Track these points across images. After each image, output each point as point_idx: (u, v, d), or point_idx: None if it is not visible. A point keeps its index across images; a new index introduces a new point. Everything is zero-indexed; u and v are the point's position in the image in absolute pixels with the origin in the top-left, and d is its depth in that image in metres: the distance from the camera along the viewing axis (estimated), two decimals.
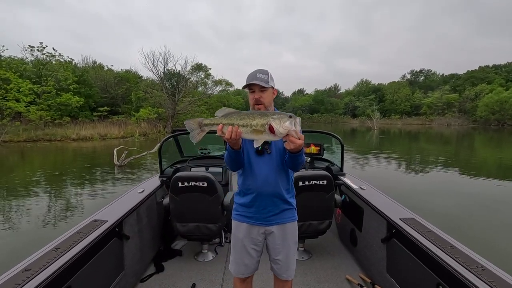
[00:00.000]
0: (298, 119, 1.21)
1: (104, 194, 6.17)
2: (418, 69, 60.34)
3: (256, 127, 1.22)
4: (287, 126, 1.18)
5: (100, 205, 2.23)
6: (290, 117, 1.20)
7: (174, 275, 2.47)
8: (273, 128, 1.19)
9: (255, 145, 1.33)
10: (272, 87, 1.51)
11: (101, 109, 24.24)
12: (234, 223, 1.62)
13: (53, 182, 7.38)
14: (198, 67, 30.60)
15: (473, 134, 26.23)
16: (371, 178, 7.69)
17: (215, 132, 1.29)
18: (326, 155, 3.56)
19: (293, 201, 1.62)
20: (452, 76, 54.68)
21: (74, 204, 5.59)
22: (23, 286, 1.22)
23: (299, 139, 1.22)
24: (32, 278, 1.27)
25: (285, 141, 1.24)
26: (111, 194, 6.06)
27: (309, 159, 3.52)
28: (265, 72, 1.48)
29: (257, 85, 1.45)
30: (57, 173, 8.39)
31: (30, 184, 7.07)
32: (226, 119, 1.27)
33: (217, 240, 3.00)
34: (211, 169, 3.40)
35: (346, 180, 2.98)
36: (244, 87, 1.49)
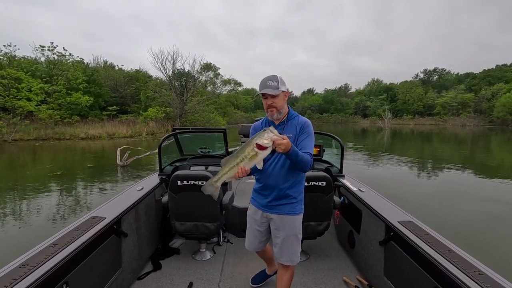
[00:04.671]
0: (271, 127, 1.41)
1: (101, 195, 6.13)
2: (431, 68, 58.27)
3: (249, 154, 1.43)
4: (267, 136, 1.38)
5: (95, 206, 2.23)
6: (265, 130, 1.41)
7: (171, 273, 2.47)
8: (260, 145, 1.38)
9: (259, 167, 1.50)
10: (283, 91, 1.64)
11: (111, 108, 24.58)
12: (249, 204, 1.91)
13: (52, 182, 7.35)
14: (207, 67, 30.83)
15: (489, 135, 25.34)
16: (376, 179, 7.56)
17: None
18: (325, 156, 3.51)
19: (297, 196, 1.74)
20: (468, 75, 52.85)
21: (67, 205, 5.55)
22: (20, 281, 1.22)
23: (283, 140, 1.39)
24: (29, 274, 1.27)
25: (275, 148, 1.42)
26: (106, 196, 5.99)
27: None
28: (275, 79, 1.61)
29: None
30: (58, 172, 8.29)
31: (27, 183, 7.13)
32: (227, 166, 1.51)
33: (215, 239, 3.00)
34: (210, 168, 3.39)
35: (345, 182, 2.95)
36: (258, 94, 1.69)
